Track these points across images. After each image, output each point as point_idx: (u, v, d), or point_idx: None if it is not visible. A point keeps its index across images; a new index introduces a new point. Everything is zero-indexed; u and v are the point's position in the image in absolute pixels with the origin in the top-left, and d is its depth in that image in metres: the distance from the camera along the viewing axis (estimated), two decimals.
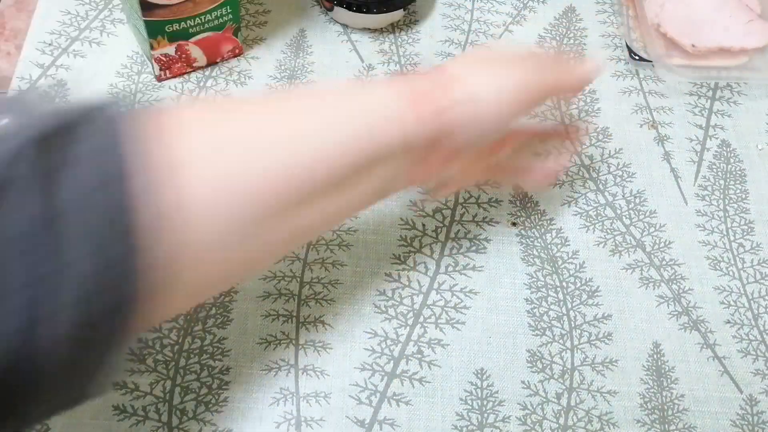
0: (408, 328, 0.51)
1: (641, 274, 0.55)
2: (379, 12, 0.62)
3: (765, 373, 0.51)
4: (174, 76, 0.60)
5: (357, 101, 0.38)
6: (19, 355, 0.27)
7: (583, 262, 0.55)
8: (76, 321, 0.27)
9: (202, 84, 0.60)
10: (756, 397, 0.50)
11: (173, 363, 0.48)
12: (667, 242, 0.56)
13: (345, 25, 0.65)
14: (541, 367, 0.50)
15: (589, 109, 0.62)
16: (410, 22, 0.66)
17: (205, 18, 0.56)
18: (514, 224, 0.56)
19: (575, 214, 0.57)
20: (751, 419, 0.50)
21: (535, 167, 0.51)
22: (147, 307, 0.30)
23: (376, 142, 0.37)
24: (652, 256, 0.55)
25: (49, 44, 0.61)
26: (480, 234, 0.55)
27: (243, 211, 0.33)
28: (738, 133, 0.62)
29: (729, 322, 0.53)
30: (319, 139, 0.36)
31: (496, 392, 0.49)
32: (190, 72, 0.60)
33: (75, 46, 0.61)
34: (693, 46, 0.62)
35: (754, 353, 0.52)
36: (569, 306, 0.53)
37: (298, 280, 0.52)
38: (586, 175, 0.59)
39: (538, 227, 0.56)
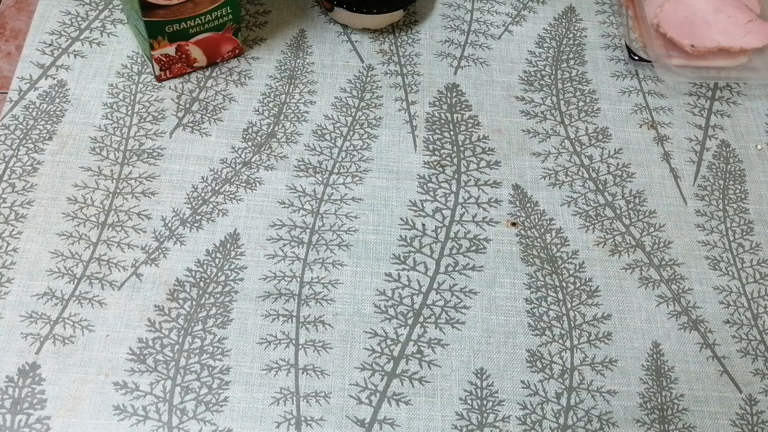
0: (408, 328, 0.51)
1: (641, 274, 0.55)
2: (379, 12, 0.62)
3: (764, 372, 0.51)
4: (174, 76, 0.60)
5: None
6: None
7: (583, 262, 0.55)
8: None
9: (202, 84, 0.60)
10: (755, 396, 0.51)
11: (173, 363, 0.48)
12: (666, 242, 0.56)
13: (345, 26, 0.65)
14: (540, 366, 0.50)
15: (589, 109, 0.62)
16: (410, 22, 0.66)
17: (205, 18, 0.56)
18: (513, 224, 0.56)
19: (575, 214, 0.57)
20: (750, 419, 0.50)
21: None
22: None
23: None
24: (652, 256, 0.55)
25: (50, 44, 0.61)
26: (480, 234, 0.55)
27: None
28: (737, 133, 0.62)
29: (728, 321, 0.53)
30: None
31: (496, 392, 0.49)
32: (191, 72, 0.60)
33: (75, 46, 0.61)
34: (692, 46, 0.62)
35: (754, 353, 0.52)
36: (569, 306, 0.53)
37: (298, 280, 0.52)
38: (586, 175, 0.59)
39: (537, 227, 0.56)
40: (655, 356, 0.51)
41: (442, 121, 0.60)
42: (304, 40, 0.63)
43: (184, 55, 0.58)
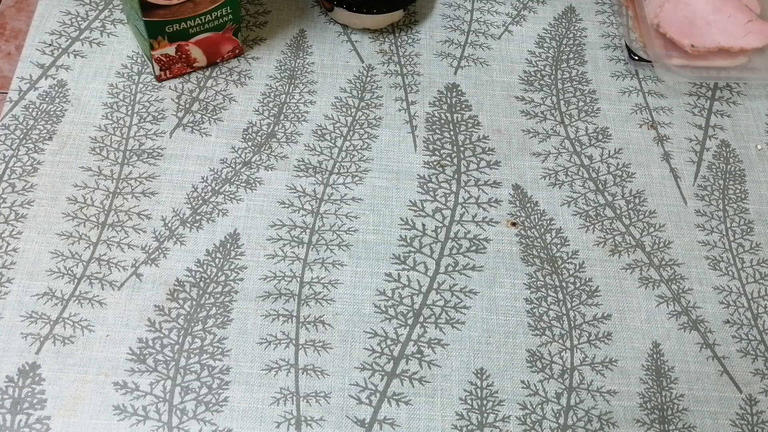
0: (408, 328, 0.51)
1: (641, 274, 0.55)
2: (379, 12, 0.62)
3: (764, 372, 0.51)
4: (174, 77, 0.60)
5: None
6: None
7: (583, 262, 0.55)
8: None
9: (202, 84, 0.60)
10: (755, 396, 0.51)
11: (173, 363, 0.48)
12: (666, 242, 0.56)
13: (345, 26, 0.65)
14: (540, 366, 0.50)
15: (589, 109, 0.62)
16: (410, 22, 0.66)
17: (205, 18, 0.56)
18: (513, 224, 0.56)
19: (575, 214, 0.57)
20: (750, 419, 0.50)
21: None
22: None
23: None
24: (652, 256, 0.55)
25: (50, 44, 0.61)
26: (480, 234, 0.55)
27: None
28: (737, 133, 0.62)
29: (728, 321, 0.53)
30: None
31: (496, 392, 0.49)
32: (191, 72, 0.60)
33: (75, 46, 0.61)
34: (692, 46, 0.62)
35: (754, 353, 0.52)
36: (569, 306, 0.53)
37: (298, 280, 0.52)
38: (586, 175, 0.59)
39: (538, 227, 0.56)
40: (655, 356, 0.51)
41: (442, 121, 0.60)
42: (304, 40, 0.63)
43: (184, 55, 0.58)
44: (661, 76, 0.63)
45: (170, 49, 0.57)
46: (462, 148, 0.59)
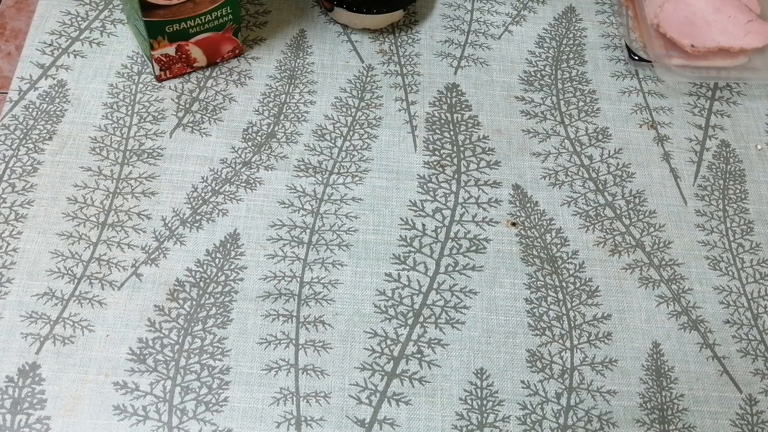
0: (408, 328, 0.51)
1: (641, 274, 0.55)
2: (379, 12, 0.62)
3: (764, 372, 0.51)
4: (174, 77, 0.60)
5: None
6: None
7: (583, 262, 0.55)
8: None
9: (202, 84, 0.60)
10: (755, 396, 0.51)
11: (173, 363, 0.48)
12: (666, 242, 0.56)
13: (345, 26, 0.65)
14: (540, 366, 0.50)
15: (589, 109, 0.62)
16: (410, 22, 0.66)
17: (205, 18, 0.56)
18: (513, 224, 0.56)
19: (575, 214, 0.57)
20: (750, 419, 0.50)
21: None
22: None
23: None
24: (652, 256, 0.55)
25: (50, 44, 0.61)
26: (480, 234, 0.55)
27: None
28: (737, 133, 0.62)
29: (728, 321, 0.53)
30: None
31: (496, 392, 0.49)
32: (191, 72, 0.60)
33: (75, 46, 0.61)
34: (692, 46, 0.62)
35: (754, 353, 0.52)
36: (569, 306, 0.53)
37: (298, 280, 0.52)
38: (586, 175, 0.59)
39: (537, 227, 0.56)
40: (655, 356, 0.52)
41: (442, 121, 0.60)
42: (304, 40, 0.63)
43: (184, 55, 0.58)
44: (661, 76, 0.63)
45: (170, 49, 0.57)
46: (462, 148, 0.59)
